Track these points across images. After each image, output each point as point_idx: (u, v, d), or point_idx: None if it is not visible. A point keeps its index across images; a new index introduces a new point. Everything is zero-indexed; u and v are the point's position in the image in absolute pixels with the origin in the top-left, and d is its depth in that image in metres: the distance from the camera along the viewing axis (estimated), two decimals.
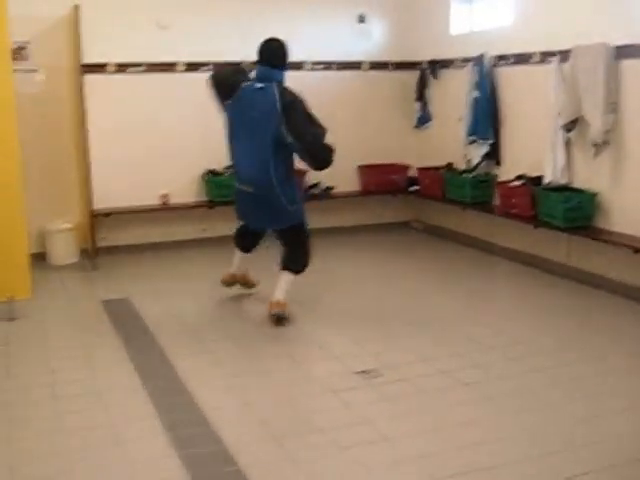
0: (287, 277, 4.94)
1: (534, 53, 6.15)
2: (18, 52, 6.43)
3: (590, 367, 4.19)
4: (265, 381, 4.07)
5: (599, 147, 5.53)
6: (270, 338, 4.71)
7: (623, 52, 5.28)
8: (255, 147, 4.71)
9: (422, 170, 7.54)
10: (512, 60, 6.42)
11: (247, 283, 5.56)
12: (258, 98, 4.68)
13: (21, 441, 3.41)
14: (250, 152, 4.74)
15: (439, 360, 4.28)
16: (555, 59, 5.84)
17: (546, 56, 5.99)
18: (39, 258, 6.61)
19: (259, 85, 4.71)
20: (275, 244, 5.15)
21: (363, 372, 4.07)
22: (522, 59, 6.31)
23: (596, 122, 5.42)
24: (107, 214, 6.75)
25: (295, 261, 4.97)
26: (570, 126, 5.72)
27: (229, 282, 5.50)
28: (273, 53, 4.80)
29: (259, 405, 3.76)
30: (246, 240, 5.38)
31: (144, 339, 4.73)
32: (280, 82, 4.73)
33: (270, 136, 4.63)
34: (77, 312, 5.33)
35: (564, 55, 5.73)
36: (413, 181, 7.70)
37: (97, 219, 6.66)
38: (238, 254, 5.44)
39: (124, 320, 5.11)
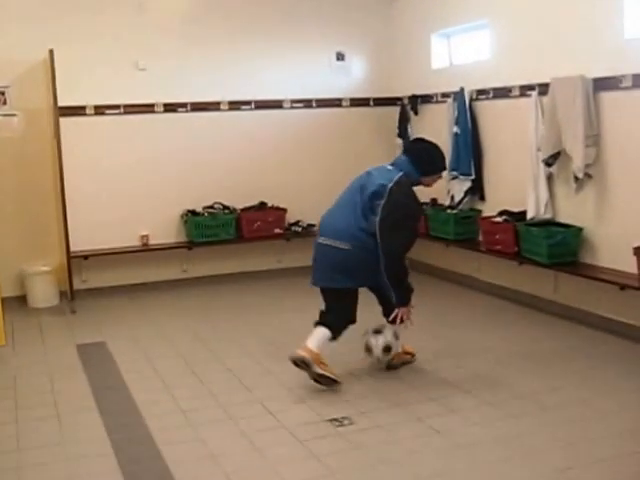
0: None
1: (513, 87, 6.08)
2: None
3: (577, 410, 4.01)
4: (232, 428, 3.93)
5: (581, 181, 5.43)
6: (237, 382, 4.58)
7: (602, 84, 5.21)
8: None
9: None
10: (492, 94, 6.36)
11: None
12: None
13: None
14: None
15: (412, 405, 4.13)
16: (534, 92, 5.77)
17: (525, 89, 5.92)
18: (19, 301, 6.58)
19: (389, 167, 4.61)
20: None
21: (334, 420, 3.92)
22: (501, 93, 6.24)
23: (577, 156, 5.31)
24: (86, 256, 6.67)
25: None
26: (551, 160, 5.62)
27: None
28: (416, 153, 4.59)
29: (224, 456, 3.61)
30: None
31: (115, 385, 4.61)
32: (407, 174, 4.47)
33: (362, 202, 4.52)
34: (51, 358, 5.19)
35: (543, 88, 5.66)
36: None
37: (76, 261, 6.55)
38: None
39: (97, 366, 4.99)
